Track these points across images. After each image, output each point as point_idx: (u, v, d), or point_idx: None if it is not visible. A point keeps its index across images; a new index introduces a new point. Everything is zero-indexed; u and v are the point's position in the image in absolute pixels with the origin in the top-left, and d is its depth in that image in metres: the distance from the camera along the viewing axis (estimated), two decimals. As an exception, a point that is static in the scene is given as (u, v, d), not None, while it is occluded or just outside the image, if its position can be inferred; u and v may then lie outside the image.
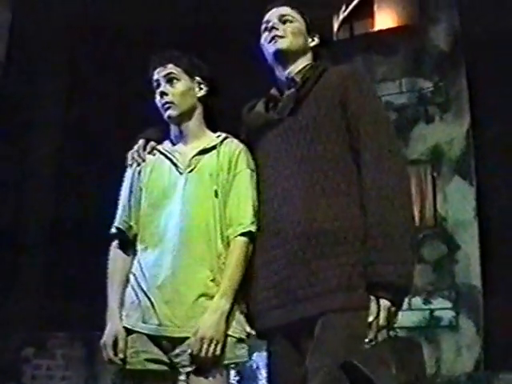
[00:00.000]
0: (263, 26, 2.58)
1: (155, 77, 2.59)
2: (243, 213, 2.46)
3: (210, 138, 2.57)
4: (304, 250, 2.25)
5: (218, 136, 2.57)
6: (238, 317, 2.41)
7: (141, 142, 2.65)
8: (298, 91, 2.45)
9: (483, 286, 5.77)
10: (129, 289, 2.49)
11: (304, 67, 2.52)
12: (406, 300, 2.24)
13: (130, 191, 2.60)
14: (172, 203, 2.49)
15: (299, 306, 2.23)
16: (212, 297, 2.37)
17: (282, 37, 2.51)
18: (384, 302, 2.11)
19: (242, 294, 2.41)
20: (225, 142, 2.56)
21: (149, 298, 2.44)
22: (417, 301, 5.76)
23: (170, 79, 2.57)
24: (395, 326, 2.16)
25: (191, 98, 2.60)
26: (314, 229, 2.25)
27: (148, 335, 2.39)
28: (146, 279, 2.47)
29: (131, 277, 2.50)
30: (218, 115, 2.70)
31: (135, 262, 2.52)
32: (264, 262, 2.38)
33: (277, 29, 2.52)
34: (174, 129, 2.61)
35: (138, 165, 2.61)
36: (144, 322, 2.41)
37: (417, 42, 6.20)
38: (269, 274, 2.34)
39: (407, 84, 6.24)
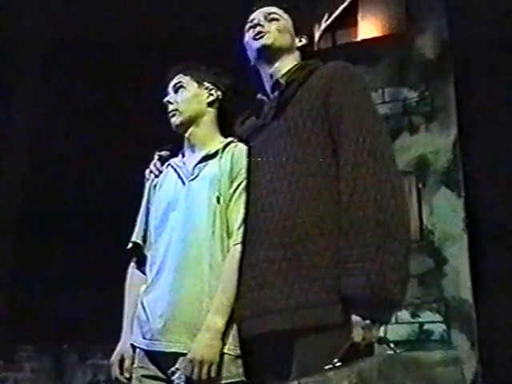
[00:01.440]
0: (248, 25, 2.59)
1: (168, 90, 2.63)
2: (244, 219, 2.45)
3: (216, 143, 2.56)
4: (281, 260, 2.21)
5: (223, 141, 2.55)
6: (235, 332, 2.37)
7: (156, 156, 2.67)
8: (282, 94, 2.44)
9: (474, 299, 5.67)
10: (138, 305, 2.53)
11: (290, 68, 2.51)
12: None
13: (147, 206, 2.62)
14: (176, 215, 2.46)
15: (272, 318, 2.19)
16: (207, 312, 2.34)
17: (266, 33, 2.51)
18: (355, 318, 2.05)
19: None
20: (228, 146, 2.53)
21: (145, 312, 2.46)
22: (404, 314, 5.65)
23: (177, 89, 2.61)
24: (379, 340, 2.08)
25: (198, 104, 2.61)
26: (291, 238, 2.21)
27: (144, 350, 2.39)
28: (147, 294, 2.50)
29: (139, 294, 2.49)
30: (233, 120, 2.73)
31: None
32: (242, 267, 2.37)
33: (262, 25, 2.53)
34: (185, 140, 2.63)
35: (156, 176, 2.63)
36: (143, 337, 2.39)
37: (402, 50, 6.12)
38: (243, 281, 2.33)
39: (390, 94, 6.15)
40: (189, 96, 2.65)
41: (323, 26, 6.42)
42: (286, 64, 2.54)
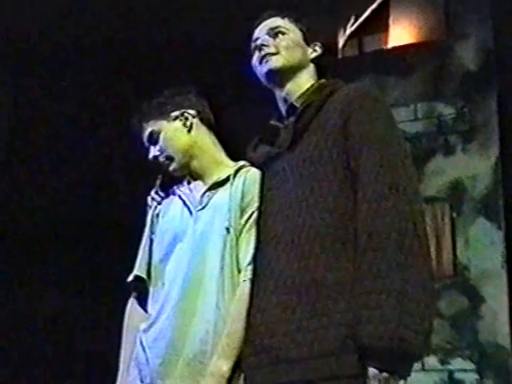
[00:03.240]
0: (253, 45, 2.52)
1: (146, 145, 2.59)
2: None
3: (226, 168, 2.54)
4: (295, 305, 2.16)
5: (234, 166, 2.54)
6: (241, 379, 2.28)
7: (158, 181, 2.61)
8: (298, 120, 2.37)
9: (513, 346, 5.42)
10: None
11: (307, 90, 2.43)
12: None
13: (149, 237, 2.58)
14: (183, 248, 2.44)
15: (283, 368, 2.13)
16: (212, 355, 2.28)
17: (274, 54, 2.43)
18: (372, 371, 1.98)
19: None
20: (240, 171, 2.50)
21: (145, 353, 2.39)
22: (432, 360, 5.26)
23: (154, 141, 2.55)
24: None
25: (180, 139, 2.56)
26: (305, 280, 2.17)
27: None
28: (147, 333, 2.42)
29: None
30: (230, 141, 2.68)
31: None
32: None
33: (267, 45, 2.44)
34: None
35: (159, 203, 2.56)
36: (141, 381, 2.37)
37: (439, 60, 5.77)
38: (252, 327, 2.27)
39: (424, 109, 5.80)
40: (166, 137, 2.56)
41: (348, 30, 6.12)
42: (300, 84, 2.45)
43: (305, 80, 2.45)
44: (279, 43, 2.44)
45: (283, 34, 2.46)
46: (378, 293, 1.98)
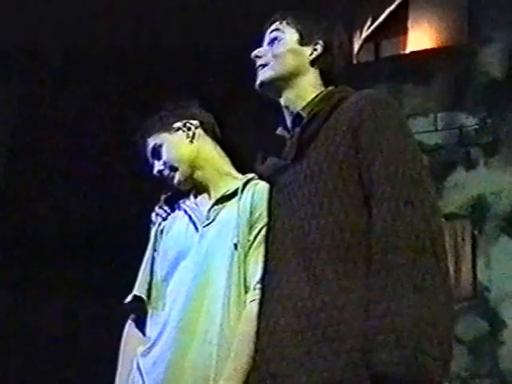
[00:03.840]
0: None
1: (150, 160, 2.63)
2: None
3: (233, 181, 2.49)
4: (304, 329, 2.09)
5: (242, 178, 2.48)
6: None
7: (163, 196, 2.61)
8: (303, 131, 2.31)
9: (537, 375, 5.31)
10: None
11: (313, 99, 2.35)
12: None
13: (152, 254, 2.53)
14: (187, 266, 2.37)
15: None
16: (215, 381, 2.19)
17: (264, 65, 2.41)
18: None
19: None
20: (248, 184, 2.43)
21: (143, 379, 2.32)
22: None
23: (157, 154, 2.55)
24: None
25: (182, 149, 2.54)
26: (316, 304, 2.10)
27: None
28: (146, 356, 2.35)
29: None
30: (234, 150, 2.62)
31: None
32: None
33: (259, 57, 2.44)
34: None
35: (164, 219, 2.55)
36: None
37: (461, 67, 5.68)
38: (258, 351, 2.20)
39: (444, 120, 5.68)
40: (169, 148, 2.53)
41: (364, 34, 6.04)
42: (299, 92, 2.37)
43: (305, 87, 2.38)
44: (273, 51, 2.41)
45: (278, 40, 2.43)
46: (393, 316, 1.93)
